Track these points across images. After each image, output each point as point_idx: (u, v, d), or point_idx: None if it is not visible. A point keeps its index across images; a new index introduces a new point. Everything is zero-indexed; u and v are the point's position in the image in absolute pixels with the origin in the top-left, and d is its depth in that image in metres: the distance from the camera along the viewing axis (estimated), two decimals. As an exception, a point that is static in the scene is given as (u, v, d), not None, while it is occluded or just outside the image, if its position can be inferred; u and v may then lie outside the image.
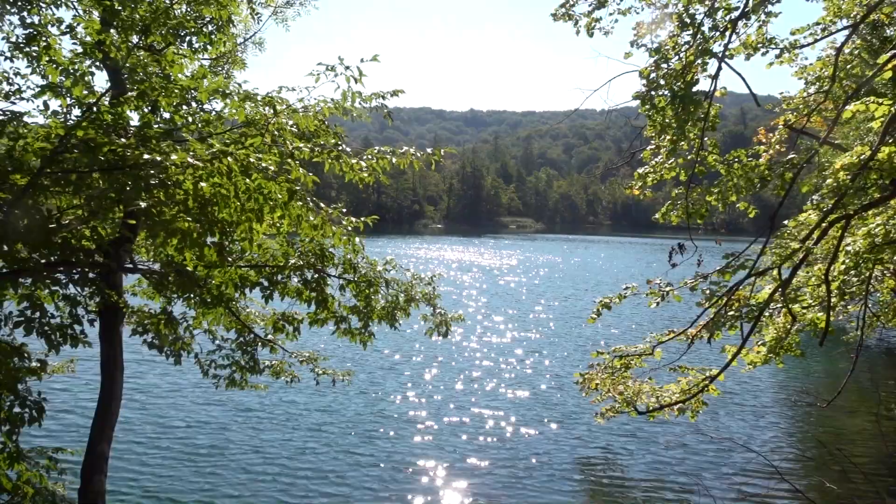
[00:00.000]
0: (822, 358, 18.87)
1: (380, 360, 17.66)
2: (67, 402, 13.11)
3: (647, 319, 25.38)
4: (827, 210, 7.10)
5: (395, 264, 5.94)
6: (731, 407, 14.83)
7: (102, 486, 5.02)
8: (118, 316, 5.14)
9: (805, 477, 11.04)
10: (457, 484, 10.05)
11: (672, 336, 7.95)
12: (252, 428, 11.86)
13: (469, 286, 36.90)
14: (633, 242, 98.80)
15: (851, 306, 10.59)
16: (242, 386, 6.44)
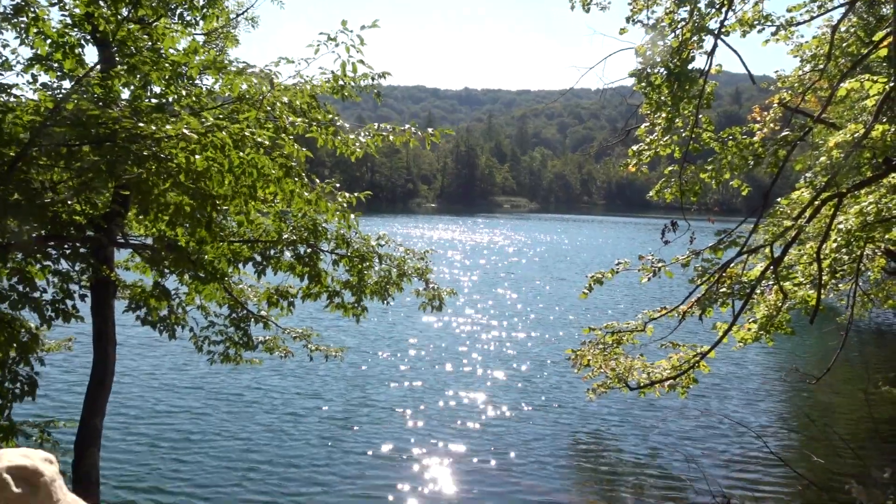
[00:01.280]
0: (812, 336, 19.04)
1: (367, 342, 17.59)
2: (61, 378, 13.12)
3: (639, 300, 25.48)
4: (820, 188, 7.13)
5: (388, 239, 5.94)
6: (721, 384, 14.97)
7: (96, 460, 5.05)
8: (110, 290, 5.12)
9: (793, 451, 11.20)
10: (444, 468, 10.00)
11: (664, 313, 8.00)
12: (233, 413, 11.78)
13: (461, 265, 36.95)
14: (627, 222, 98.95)
15: (842, 285, 10.66)
16: (237, 361, 6.46)
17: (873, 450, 10.78)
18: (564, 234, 69.21)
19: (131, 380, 13.11)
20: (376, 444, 10.67)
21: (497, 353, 17.20)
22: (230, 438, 10.59)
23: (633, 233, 73.61)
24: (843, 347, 8.90)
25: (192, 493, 8.73)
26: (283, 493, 8.80)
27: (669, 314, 8.00)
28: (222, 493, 8.69)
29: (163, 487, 8.79)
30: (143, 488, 8.66)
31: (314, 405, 12.45)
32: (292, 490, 8.89)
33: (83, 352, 12.97)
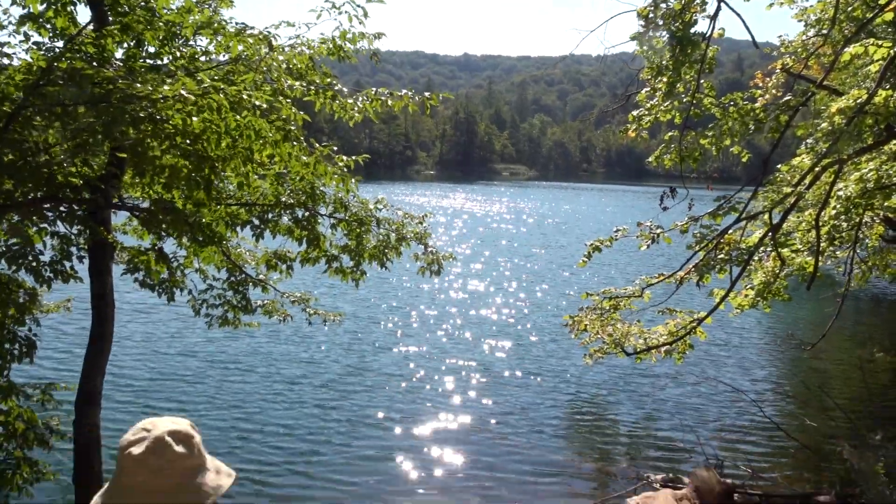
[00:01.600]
0: (808, 304, 19.15)
1: (364, 309, 17.55)
2: (60, 340, 13.19)
3: (637, 269, 25.53)
4: (820, 154, 7.08)
5: (386, 203, 5.92)
6: (716, 351, 15.11)
7: (97, 419, 5.10)
8: (107, 252, 5.11)
9: (787, 416, 11.35)
10: (441, 434, 10.02)
11: (662, 279, 8.01)
12: (228, 380, 11.76)
13: (459, 233, 36.95)
14: (627, 190, 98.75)
15: (840, 252, 10.67)
16: (236, 325, 6.47)
17: (866, 414, 10.93)
18: (563, 202, 69.09)
19: (125, 346, 13.08)
20: (372, 410, 10.71)
21: (494, 321, 17.29)
22: (224, 405, 10.61)
23: (632, 201, 73.51)
24: (840, 315, 8.97)
25: None
26: (279, 459, 8.85)
27: (667, 280, 8.01)
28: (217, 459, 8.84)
29: None
30: None
31: (310, 371, 12.47)
32: (287, 456, 8.93)
33: (83, 315, 13.01)
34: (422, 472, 8.70)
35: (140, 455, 1.57)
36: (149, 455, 1.58)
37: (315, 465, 8.74)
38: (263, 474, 8.46)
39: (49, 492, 7.48)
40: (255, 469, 8.58)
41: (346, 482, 8.32)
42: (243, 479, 8.28)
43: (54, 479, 6.04)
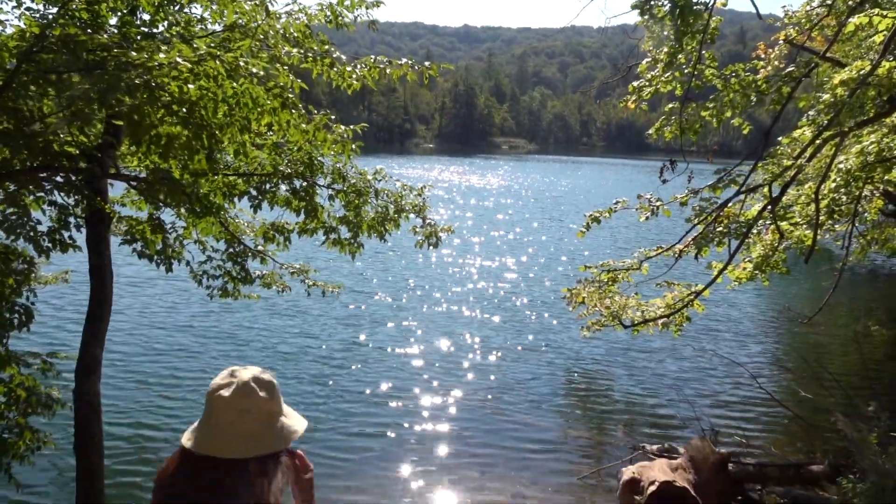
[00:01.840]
0: (806, 278, 19.21)
1: (361, 282, 17.55)
2: (59, 312, 13.23)
3: (635, 243, 25.54)
4: (821, 127, 7.03)
5: (385, 174, 5.89)
6: (713, 324, 15.20)
7: (97, 388, 5.13)
8: (105, 222, 5.10)
9: (782, 388, 11.46)
10: (438, 407, 10.03)
11: (660, 251, 8.01)
12: (224, 352, 11.72)
13: (458, 206, 36.89)
14: (627, 164, 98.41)
15: (839, 226, 10.68)
16: (235, 296, 6.47)
17: (861, 387, 11.03)
18: (563, 175, 68.88)
19: (119, 319, 12.96)
20: (368, 384, 10.70)
21: (491, 295, 17.33)
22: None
23: (632, 174, 73.34)
24: (837, 289, 8.99)
25: (181, 430, 8.87)
26: None
27: (665, 253, 8.01)
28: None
29: (150, 425, 8.80)
30: (129, 424, 8.69)
31: (306, 346, 12.44)
32: None
33: (81, 288, 13.02)
34: (418, 446, 8.73)
35: (229, 397, 1.76)
36: (237, 397, 1.77)
37: (310, 442, 8.69)
38: None
39: (50, 460, 7.58)
40: None
41: (341, 457, 8.32)
42: None
43: (55, 448, 6.08)
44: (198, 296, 14.71)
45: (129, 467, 7.82)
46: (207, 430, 1.80)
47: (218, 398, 1.80)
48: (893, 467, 5.37)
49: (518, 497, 7.62)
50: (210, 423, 1.80)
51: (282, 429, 1.88)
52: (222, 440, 1.76)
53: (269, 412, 1.85)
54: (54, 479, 7.50)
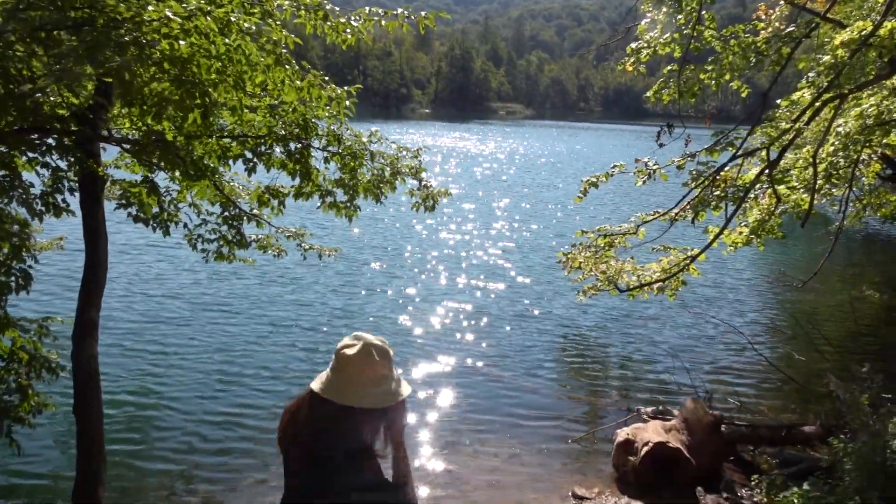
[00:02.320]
0: (801, 243, 19.28)
1: (355, 250, 17.34)
2: (55, 277, 13.18)
3: (633, 207, 25.52)
4: (821, 89, 6.97)
5: (381, 137, 5.82)
6: (709, 288, 15.30)
7: (94, 350, 5.13)
8: (98, 185, 5.04)
9: (776, 350, 11.58)
10: (433, 375, 9.97)
11: (657, 216, 7.99)
12: (214, 322, 11.50)
13: (454, 173, 36.72)
14: (624, 129, 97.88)
15: (836, 190, 10.66)
16: (231, 259, 6.44)
17: (855, 350, 11.15)
18: (559, 141, 68.47)
19: (108, 287, 12.94)
20: None
21: (486, 262, 17.31)
22: (210, 348, 10.38)
23: (629, 140, 72.98)
24: (832, 254, 9.02)
25: (173, 398, 8.65)
26: (267, 403, 8.69)
27: (662, 218, 7.99)
28: (200, 403, 8.60)
29: (137, 400, 8.58)
30: (117, 402, 8.49)
31: (299, 314, 12.24)
32: (275, 400, 8.76)
33: (77, 255, 12.95)
34: (413, 414, 8.66)
35: (353, 355, 2.15)
36: (359, 356, 2.15)
37: None
38: (250, 418, 8.30)
39: (50, 425, 7.62)
40: (241, 413, 8.42)
41: None
42: (228, 424, 8.12)
43: (54, 413, 6.11)
44: (187, 264, 14.61)
45: (125, 435, 7.85)
46: (331, 379, 2.18)
47: (343, 355, 2.18)
48: (884, 427, 5.45)
49: (514, 459, 7.73)
50: (334, 374, 2.18)
51: (390, 390, 2.19)
52: (341, 390, 2.13)
53: (382, 375, 2.19)
54: (54, 444, 7.56)
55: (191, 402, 8.67)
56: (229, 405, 8.63)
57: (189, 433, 7.91)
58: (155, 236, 5.66)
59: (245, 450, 7.63)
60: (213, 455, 7.52)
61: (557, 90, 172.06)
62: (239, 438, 7.86)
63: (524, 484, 7.19)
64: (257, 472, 7.14)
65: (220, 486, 6.94)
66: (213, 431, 8.00)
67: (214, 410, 8.48)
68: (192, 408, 8.51)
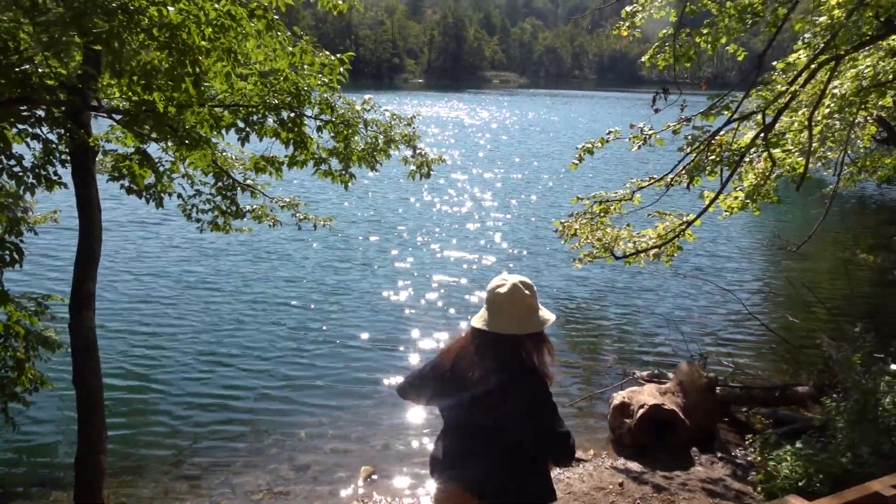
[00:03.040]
0: (796, 208, 19.31)
1: (346, 225, 17.06)
2: (51, 252, 13.14)
3: (627, 178, 25.51)
4: (817, 50, 6.92)
5: (374, 104, 5.78)
6: (704, 252, 15.37)
7: (92, 322, 5.14)
8: (90, 156, 5.01)
9: (770, 313, 11.69)
10: (426, 352, 9.79)
11: (652, 181, 7.99)
12: (202, 301, 11.28)
13: (447, 142, 36.51)
14: (619, 97, 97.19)
15: (831, 153, 10.66)
16: (227, 230, 6.43)
17: (848, 312, 11.24)
18: (553, 110, 68.00)
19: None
20: (354, 330, 10.39)
21: (481, 232, 17.28)
22: (197, 328, 10.16)
23: (624, 107, 72.45)
24: (826, 217, 9.04)
25: (164, 380, 8.54)
26: (255, 384, 8.55)
27: (658, 183, 7.99)
28: (186, 384, 8.49)
29: (124, 383, 8.43)
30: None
31: (288, 292, 11.97)
32: (265, 380, 8.65)
33: (71, 234, 12.85)
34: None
35: (504, 292, 2.62)
36: (510, 292, 2.62)
37: (295, 389, 8.48)
38: (239, 400, 8.20)
39: (50, 398, 7.65)
40: (229, 395, 8.29)
41: (327, 405, 8.14)
42: (216, 406, 8.02)
43: (52, 388, 6.12)
44: (173, 241, 14.45)
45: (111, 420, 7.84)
46: (492, 316, 2.63)
47: (498, 294, 2.64)
48: (876, 385, 5.53)
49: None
50: (493, 311, 2.64)
51: (540, 316, 2.67)
52: (504, 323, 2.59)
53: (532, 305, 2.65)
54: (56, 418, 7.61)
55: (178, 383, 8.54)
56: (217, 387, 8.49)
57: (177, 416, 7.81)
58: (139, 213, 5.63)
59: (235, 431, 7.56)
60: (205, 436, 7.43)
61: (552, 58, 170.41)
62: (225, 422, 7.74)
63: (522, 447, 7.28)
64: (248, 451, 7.12)
65: (210, 464, 6.90)
66: (201, 413, 7.89)
67: (202, 392, 8.37)
68: (180, 389, 8.40)
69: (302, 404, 8.15)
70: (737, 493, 6.15)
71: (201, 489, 6.50)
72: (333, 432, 7.55)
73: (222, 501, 6.30)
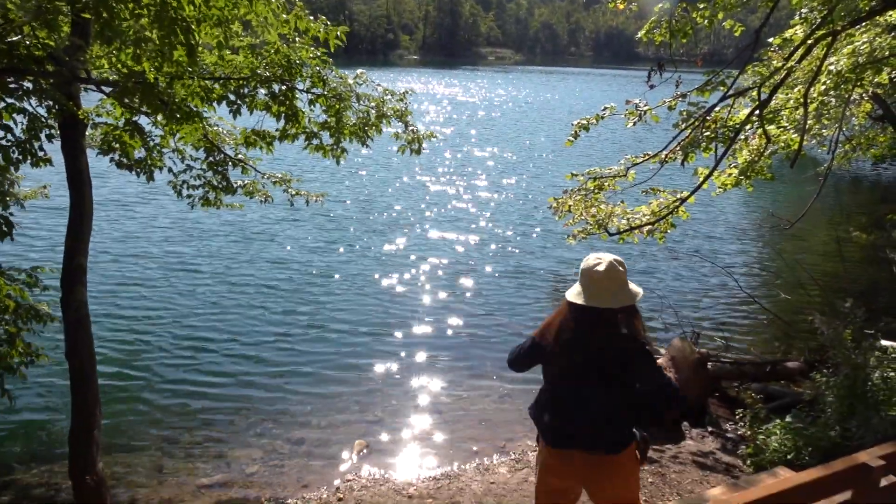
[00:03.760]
0: (790, 184, 19.34)
1: (337, 205, 16.93)
2: (41, 227, 13.07)
3: (623, 152, 25.43)
4: (814, 25, 6.87)
5: (366, 79, 5.71)
6: (698, 229, 15.40)
7: (84, 296, 5.12)
8: (79, 129, 4.95)
9: (763, 289, 11.75)
10: (419, 333, 9.83)
11: (646, 158, 7.95)
12: (186, 285, 11.08)
13: (440, 120, 36.27)
14: (616, 74, 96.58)
15: (826, 131, 10.64)
16: (217, 205, 6.38)
17: (840, 288, 11.29)
18: (548, 87, 67.52)
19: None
20: (344, 313, 10.31)
21: (474, 212, 17.17)
22: (181, 312, 10.00)
23: (621, 84, 72.04)
24: (820, 195, 9.04)
25: (156, 358, 8.51)
26: (241, 370, 8.41)
27: (652, 160, 7.96)
28: (180, 362, 8.47)
29: (115, 359, 8.40)
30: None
31: (276, 276, 11.78)
32: (251, 366, 8.55)
33: (57, 200, 12.75)
34: (407, 361, 8.66)
35: (603, 271, 2.93)
36: (608, 270, 2.95)
37: (288, 365, 8.46)
38: (232, 377, 8.16)
39: (45, 373, 7.67)
40: (222, 372, 8.26)
41: (322, 380, 8.15)
42: (209, 383, 7.98)
43: (49, 360, 6.12)
44: (157, 223, 14.25)
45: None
46: (590, 292, 2.92)
47: (596, 271, 2.94)
48: (866, 360, 5.57)
49: (504, 399, 7.90)
50: (591, 288, 2.92)
51: (631, 290, 3.00)
52: (602, 297, 2.89)
53: (625, 280, 2.98)
54: (48, 394, 7.62)
55: (171, 361, 8.52)
56: (203, 374, 8.39)
57: (170, 394, 7.78)
58: (124, 192, 5.56)
59: (229, 407, 7.56)
60: (198, 412, 7.44)
61: (548, 34, 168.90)
62: (211, 410, 7.62)
63: (514, 421, 7.36)
64: (242, 426, 7.15)
65: (204, 439, 6.92)
66: (194, 390, 7.88)
67: (195, 369, 8.36)
68: (173, 367, 8.37)
69: (296, 381, 8.17)
70: (727, 466, 6.22)
71: (196, 463, 6.54)
72: (327, 408, 7.60)
73: (217, 475, 6.34)
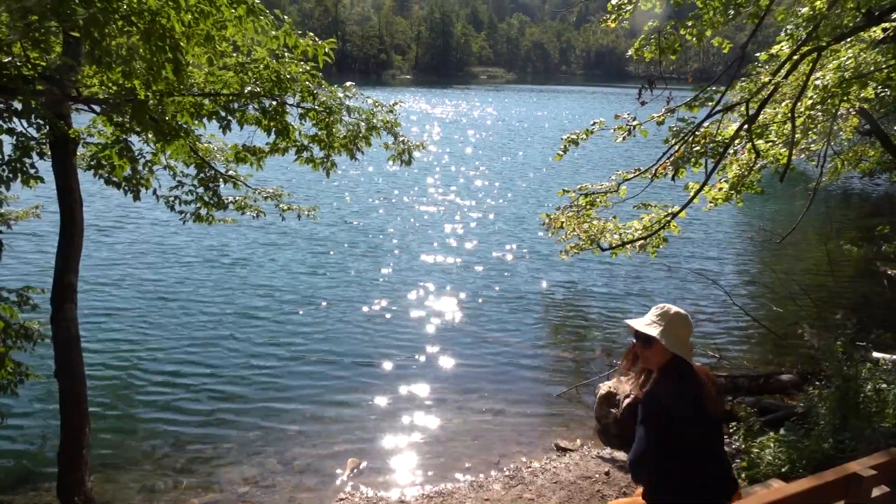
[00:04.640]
0: (780, 198, 19.46)
1: (330, 212, 17.05)
2: (33, 248, 12.99)
3: (613, 167, 25.52)
4: (800, 41, 6.96)
5: (355, 91, 5.74)
6: (689, 243, 15.46)
7: (73, 314, 5.10)
8: (70, 147, 4.95)
9: (755, 303, 11.78)
10: (415, 335, 9.96)
11: (637, 174, 8.00)
12: (173, 306, 10.83)
13: (433, 139, 36.39)
14: (606, 92, 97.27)
15: (814, 145, 10.73)
16: (210, 221, 6.37)
17: (831, 301, 11.34)
18: (539, 106, 67.95)
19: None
20: (346, 309, 10.44)
21: (468, 227, 17.18)
22: (173, 335, 9.82)
23: (612, 103, 72.54)
24: (810, 209, 9.11)
25: (147, 377, 8.46)
26: (236, 391, 8.33)
27: (643, 175, 8.01)
28: (170, 381, 8.42)
29: (105, 378, 8.34)
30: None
31: (270, 292, 11.59)
32: (246, 377, 8.56)
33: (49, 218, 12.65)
34: (391, 392, 8.45)
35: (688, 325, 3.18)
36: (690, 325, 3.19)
37: (280, 385, 8.41)
38: (223, 395, 8.12)
39: (35, 391, 7.58)
40: (214, 391, 8.22)
41: (313, 400, 8.10)
42: (201, 400, 7.93)
43: (39, 379, 6.07)
44: (144, 247, 13.94)
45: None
46: (671, 335, 3.10)
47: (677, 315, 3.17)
48: (857, 372, 5.58)
49: (498, 414, 7.84)
50: (683, 342, 3.10)
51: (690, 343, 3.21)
52: (690, 351, 3.13)
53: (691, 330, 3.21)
54: (37, 411, 7.53)
55: (162, 380, 8.46)
56: (194, 373, 8.48)
57: (161, 410, 7.77)
58: (113, 211, 5.54)
59: (221, 425, 7.53)
60: (190, 431, 7.40)
61: (539, 54, 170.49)
62: (211, 414, 7.71)
63: (508, 437, 7.32)
64: (234, 445, 7.10)
65: (195, 458, 6.87)
66: (186, 408, 7.86)
67: (186, 387, 8.29)
68: (163, 386, 8.32)
69: (287, 400, 8.11)
70: (721, 480, 6.18)
71: (187, 483, 6.46)
72: (320, 426, 7.54)
73: (208, 496, 6.27)
